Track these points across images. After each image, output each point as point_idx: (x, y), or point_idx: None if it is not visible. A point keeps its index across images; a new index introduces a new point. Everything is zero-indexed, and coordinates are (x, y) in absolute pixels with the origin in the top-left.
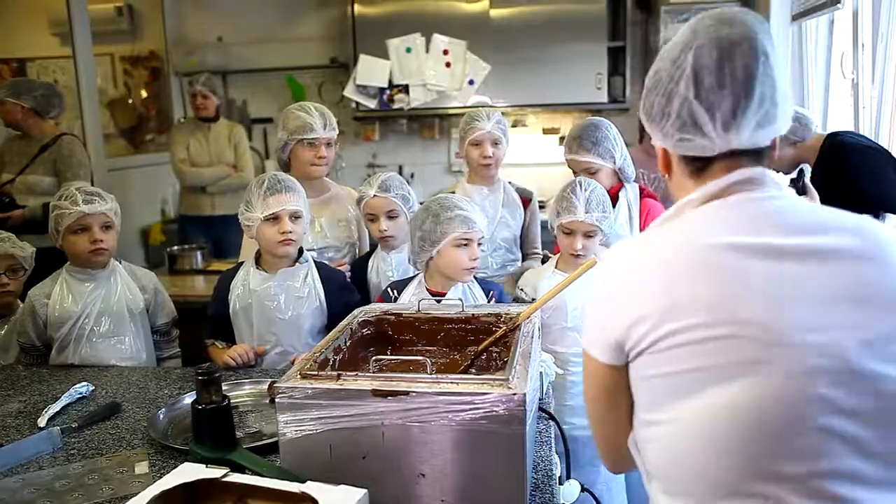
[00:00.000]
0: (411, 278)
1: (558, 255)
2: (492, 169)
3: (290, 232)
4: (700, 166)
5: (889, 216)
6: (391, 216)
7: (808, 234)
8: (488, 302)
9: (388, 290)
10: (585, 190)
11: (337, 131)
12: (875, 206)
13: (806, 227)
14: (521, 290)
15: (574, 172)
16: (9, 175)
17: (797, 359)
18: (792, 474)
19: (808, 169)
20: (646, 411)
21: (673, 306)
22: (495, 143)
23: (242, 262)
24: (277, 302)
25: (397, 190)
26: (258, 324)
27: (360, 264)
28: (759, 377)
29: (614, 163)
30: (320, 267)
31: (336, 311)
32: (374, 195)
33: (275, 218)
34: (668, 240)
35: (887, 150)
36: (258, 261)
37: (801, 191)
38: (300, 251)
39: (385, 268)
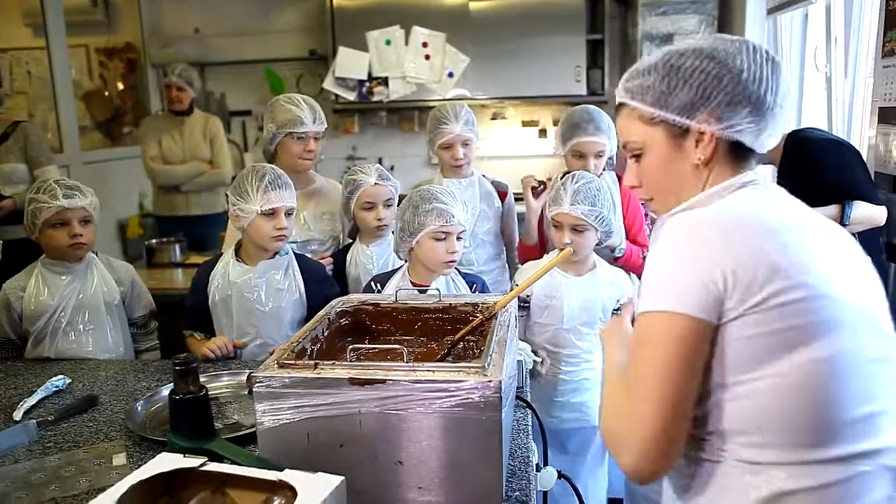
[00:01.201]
0: (394, 271)
1: (554, 251)
2: (464, 169)
3: (286, 228)
4: (742, 155)
5: (856, 203)
6: (388, 204)
7: (812, 215)
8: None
9: (372, 283)
10: (576, 182)
11: (325, 124)
12: (843, 195)
13: (806, 209)
14: (517, 285)
15: (574, 161)
16: None
17: (858, 315)
18: (868, 413)
19: (773, 169)
20: (737, 372)
21: (771, 266)
22: (465, 144)
23: (222, 254)
24: (258, 294)
25: (393, 179)
26: (238, 315)
27: (338, 257)
28: (842, 332)
29: (613, 148)
30: (300, 259)
31: (316, 303)
32: (375, 183)
33: (272, 213)
34: (736, 209)
35: (847, 142)
36: (238, 252)
37: None
38: None
39: (364, 260)
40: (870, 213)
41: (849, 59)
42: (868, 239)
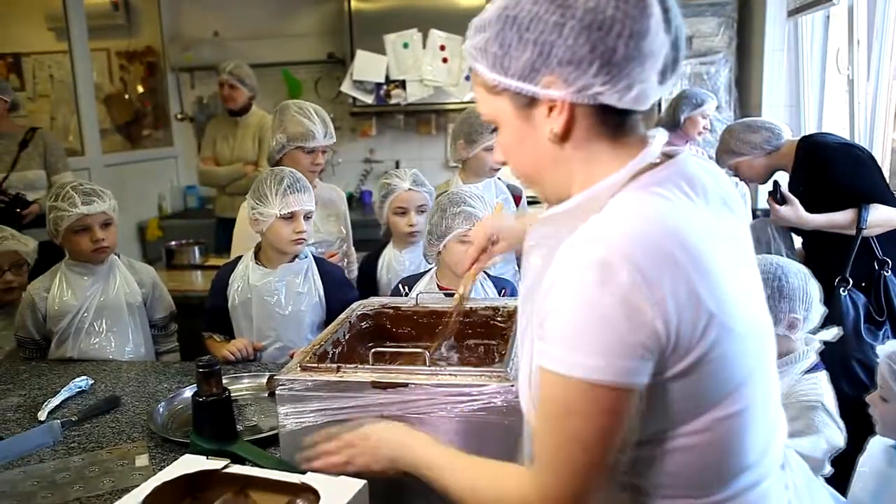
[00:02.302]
0: (422, 274)
1: None
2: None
3: (304, 231)
4: (618, 120)
5: (873, 206)
6: (421, 210)
7: (713, 213)
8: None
9: (400, 286)
10: None
11: (334, 137)
12: (858, 199)
13: (705, 200)
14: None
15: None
16: None
17: (766, 349)
18: (771, 442)
19: (784, 176)
20: (675, 425)
21: (707, 315)
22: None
23: (241, 256)
24: (277, 297)
25: (428, 185)
26: (257, 319)
27: (369, 261)
28: (755, 378)
29: None
30: (319, 262)
31: (335, 306)
32: (409, 188)
33: (291, 216)
34: (646, 228)
35: (859, 145)
36: (257, 255)
37: (781, 201)
38: None
39: (397, 266)
40: (888, 216)
41: (871, 62)
42: (891, 240)
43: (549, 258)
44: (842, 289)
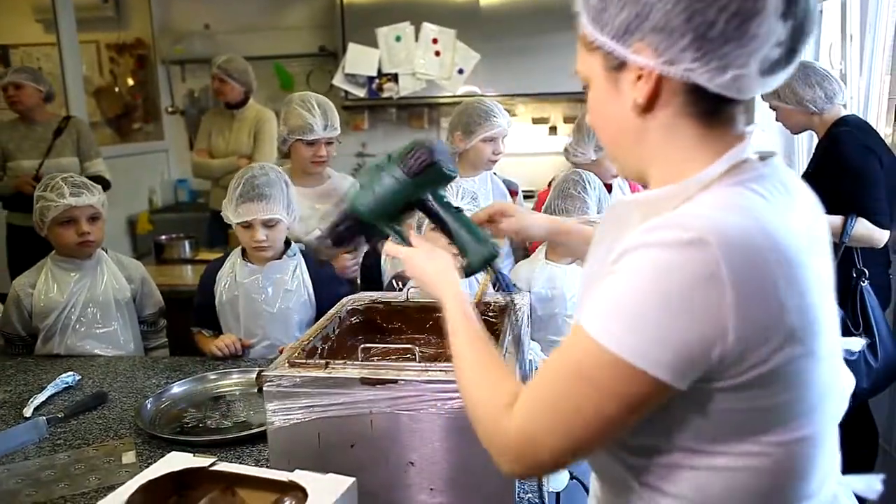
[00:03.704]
0: None
1: (545, 244)
2: (494, 164)
3: (264, 240)
4: (716, 107)
5: (860, 220)
6: None
7: (816, 225)
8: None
9: (393, 281)
10: (595, 189)
11: (338, 129)
12: (851, 207)
13: (810, 210)
14: (515, 285)
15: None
16: (30, 162)
17: (836, 369)
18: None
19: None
20: (704, 442)
21: (787, 330)
22: (503, 139)
23: (230, 252)
24: (265, 295)
25: None
26: (245, 317)
27: (373, 255)
28: (827, 401)
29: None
30: (309, 260)
31: (325, 304)
32: None
33: (248, 225)
34: (741, 228)
35: (883, 155)
36: (245, 252)
37: None
38: (287, 243)
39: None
40: (870, 235)
41: (864, 57)
42: (871, 251)
43: (615, 244)
44: None
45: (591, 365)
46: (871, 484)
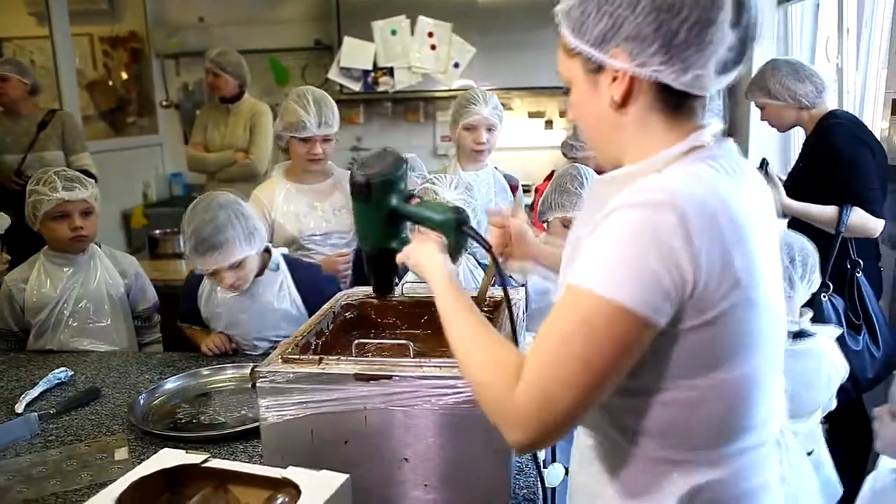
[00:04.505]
0: None
1: (543, 233)
2: (484, 155)
3: (236, 280)
4: (680, 102)
5: (855, 209)
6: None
7: (761, 198)
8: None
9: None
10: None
11: (335, 127)
12: (846, 198)
13: (756, 185)
14: (511, 276)
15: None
16: (13, 156)
17: (778, 318)
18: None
19: (799, 134)
20: (668, 379)
21: (734, 278)
22: (489, 130)
23: None
24: (250, 314)
25: (423, 170)
26: (230, 331)
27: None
28: (768, 342)
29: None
30: (293, 269)
31: (317, 308)
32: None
33: (213, 273)
34: (698, 190)
35: (874, 146)
36: None
37: (766, 180)
38: (268, 252)
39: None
40: (865, 224)
41: (861, 51)
42: (866, 241)
43: (597, 214)
44: (822, 294)
45: (594, 315)
46: (813, 431)
